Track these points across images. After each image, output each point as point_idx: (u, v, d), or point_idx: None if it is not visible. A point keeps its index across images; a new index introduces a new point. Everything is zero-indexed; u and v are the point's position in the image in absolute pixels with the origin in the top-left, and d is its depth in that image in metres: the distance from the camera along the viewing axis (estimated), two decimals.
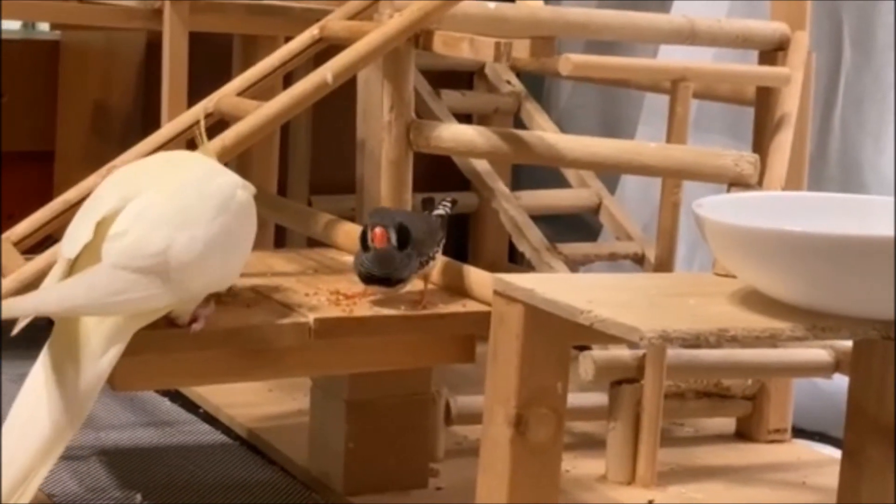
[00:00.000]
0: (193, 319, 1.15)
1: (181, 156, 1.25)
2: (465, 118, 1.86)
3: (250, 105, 1.36)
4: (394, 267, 1.22)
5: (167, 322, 1.14)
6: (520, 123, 1.92)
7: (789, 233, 1.02)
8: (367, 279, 1.23)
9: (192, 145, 1.28)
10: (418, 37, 1.37)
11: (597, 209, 1.79)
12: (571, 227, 2.06)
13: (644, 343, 1.02)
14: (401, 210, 1.34)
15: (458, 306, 1.27)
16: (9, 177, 2.07)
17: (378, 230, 1.20)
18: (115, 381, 1.15)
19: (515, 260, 2.11)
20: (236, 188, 1.17)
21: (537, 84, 2.15)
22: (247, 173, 1.50)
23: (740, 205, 1.17)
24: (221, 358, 1.18)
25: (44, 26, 2.54)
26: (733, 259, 1.10)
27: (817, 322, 1.05)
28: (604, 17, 1.44)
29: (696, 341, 1.03)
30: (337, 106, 1.69)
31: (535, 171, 2.06)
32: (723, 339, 1.03)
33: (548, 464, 1.19)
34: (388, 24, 1.35)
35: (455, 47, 1.33)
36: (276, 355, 1.20)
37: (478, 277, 1.31)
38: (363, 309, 1.23)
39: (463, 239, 2.11)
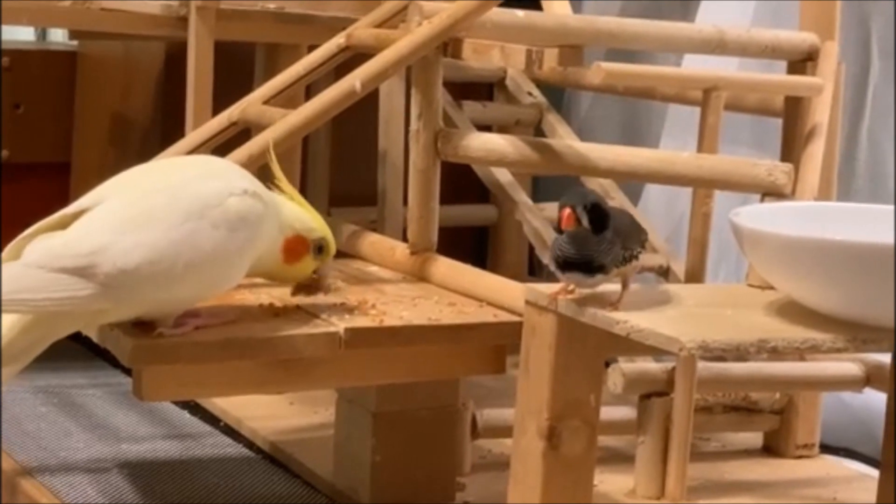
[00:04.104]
0: (181, 324, 1.13)
1: (191, 159, 1.23)
2: (485, 130, 1.85)
3: (277, 113, 1.35)
4: (592, 248, 1.06)
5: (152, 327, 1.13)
6: (541, 135, 1.90)
7: (831, 241, 1.01)
8: (564, 265, 1.07)
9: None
10: (447, 45, 1.36)
11: None
12: None
13: (684, 354, 1.01)
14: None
15: (488, 316, 1.25)
16: (25, 188, 2.06)
17: (565, 212, 1.05)
18: (143, 391, 1.14)
19: (534, 272, 2.10)
20: (227, 196, 1.13)
21: (556, 96, 2.14)
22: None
23: (776, 214, 1.16)
24: (251, 368, 1.17)
25: (59, 36, 2.54)
26: (772, 268, 1.09)
27: (858, 334, 1.04)
28: (634, 27, 1.43)
29: (736, 352, 1.01)
30: (356, 118, 1.67)
31: (554, 183, 2.05)
32: (763, 349, 1.02)
33: (581, 477, 1.18)
34: (417, 32, 1.34)
35: (485, 55, 1.32)
36: (306, 366, 1.18)
37: (507, 287, 1.30)
38: (393, 319, 1.22)
39: (482, 251, 2.10)
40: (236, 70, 1.79)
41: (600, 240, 1.06)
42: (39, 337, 1.11)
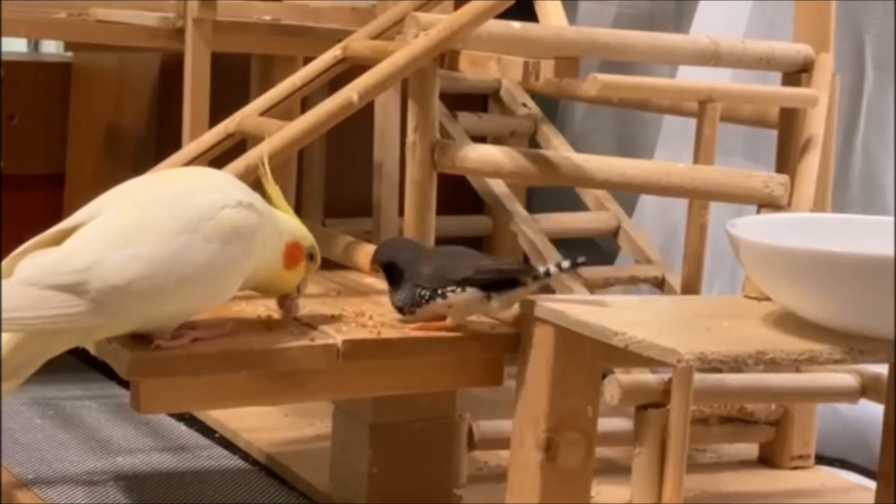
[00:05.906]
0: (178, 337, 1.13)
1: (188, 170, 1.22)
2: (479, 141, 1.85)
3: (274, 125, 1.35)
4: (392, 296, 1.24)
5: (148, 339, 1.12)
6: (535, 146, 1.91)
7: (828, 253, 1.02)
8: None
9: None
10: (443, 57, 1.36)
11: (615, 232, 1.77)
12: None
13: (682, 365, 1.01)
14: (406, 241, 1.32)
15: (485, 328, 1.25)
16: (18, 199, 2.05)
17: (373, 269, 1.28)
18: (141, 403, 1.13)
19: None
20: (221, 208, 1.12)
21: (551, 107, 2.14)
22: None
23: (773, 226, 1.17)
24: (248, 380, 1.16)
25: (51, 48, 2.53)
26: (769, 279, 1.09)
27: (854, 345, 1.04)
28: (629, 38, 1.43)
29: (734, 364, 1.02)
30: (351, 129, 1.67)
31: (549, 195, 2.05)
32: (761, 361, 1.02)
33: (578, 488, 1.18)
34: (414, 44, 1.34)
35: (482, 67, 1.32)
36: (303, 378, 1.18)
37: None
38: (391, 331, 1.22)
39: None
40: (232, 82, 1.79)
41: (396, 287, 1.23)
42: (35, 354, 1.10)
